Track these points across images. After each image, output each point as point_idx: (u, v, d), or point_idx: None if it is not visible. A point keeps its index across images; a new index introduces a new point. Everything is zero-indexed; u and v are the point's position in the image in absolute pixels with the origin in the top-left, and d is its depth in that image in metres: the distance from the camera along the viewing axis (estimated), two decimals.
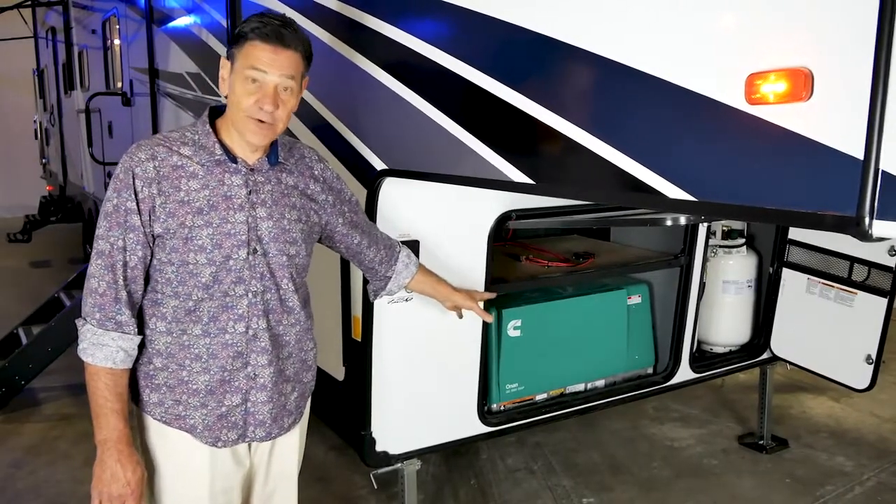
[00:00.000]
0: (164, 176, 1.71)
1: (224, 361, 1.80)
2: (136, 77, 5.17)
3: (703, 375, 3.47)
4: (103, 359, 1.71)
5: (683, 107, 1.32)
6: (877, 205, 1.07)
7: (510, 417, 2.95)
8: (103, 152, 6.08)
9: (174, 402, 1.81)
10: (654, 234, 3.46)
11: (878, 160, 1.06)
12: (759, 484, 3.65)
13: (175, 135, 1.79)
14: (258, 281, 1.80)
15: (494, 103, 1.78)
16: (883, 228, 1.07)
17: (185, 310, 1.77)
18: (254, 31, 1.69)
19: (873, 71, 1.07)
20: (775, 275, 3.56)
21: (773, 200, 1.21)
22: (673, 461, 3.89)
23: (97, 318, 1.71)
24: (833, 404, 4.58)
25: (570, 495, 3.55)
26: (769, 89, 1.19)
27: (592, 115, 1.53)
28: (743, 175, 1.26)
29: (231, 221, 1.75)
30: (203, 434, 1.82)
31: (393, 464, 2.71)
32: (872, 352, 3.15)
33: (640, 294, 3.34)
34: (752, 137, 1.23)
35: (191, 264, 1.74)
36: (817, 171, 1.15)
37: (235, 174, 1.77)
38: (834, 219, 1.13)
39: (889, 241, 3.04)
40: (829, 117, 1.14)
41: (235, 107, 1.74)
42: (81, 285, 5.43)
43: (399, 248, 2.23)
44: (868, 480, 3.67)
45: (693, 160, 1.34)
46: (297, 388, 1.96)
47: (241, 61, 1.71)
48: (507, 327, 2.96)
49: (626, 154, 1.43)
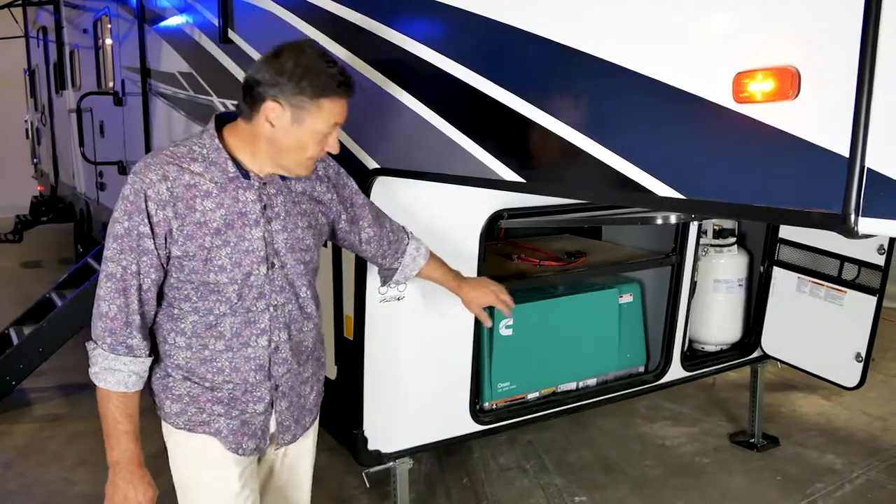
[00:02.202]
0: (178, 197, 1.66)
1: (247, 374, 1.81)
2: (127, 76, 5.16)
3: (694, 374, 3.49)
4: (116, 384, 1.70)
5: (673, 105, 1.33)
6: (862, 202, 1.08)
7: (502, 416, 2.96)
8: (95, 152, 6.06)
9: (198, 409, 1.81)
10: (646, 233, 3.47)
11: (863, 158, 1.07)
12: (750, 482, 3.66)
13: (182, 150, 1.72)
14: (278, 294, 1.80)
15: (486, 102, 1.79)
16: (869, 225, 1.08)
17: (205, 325, 1.76)
18: (339, 87, 1.65)
19: (858, 69, 1.08)
20: (766, 274, 3.58)
21: (762, 198, 1.22)
22: (664, 460, 3.90)
23: (108, 343, 1.69)
24: (824, 403, 4.60)
25: (562, 494, 3.56)
26: (756, 88, 1.20)
27: (583, 114, 1.54)
28: (731, 173, 1.27)
29: (248, 238, 1.73)
30: (227, 438, 1.83)
31: (385, 462, 2.71)
32: (862, 350, 3.17)
33: (632, 293, 3.35)
34: (740, 136, 1.24)
35: (211, 283, 1.72)
36: (804, 168, 1.16)
37: (249, 189, 1.74)
38: (821, 216, 1.14)
39: (878, 240, 3.07)
40: (815, 115, 1.15)
41: (296, 152, 1.70)
42: (73, 286, 5.37)
43: (408, 241, 2.20)
44: (858, 478, 3.69)
45: (682, 158, 1.35)
46: (315, 387, 2.00)
47: (320, 117, 1.66)
48: (499, 326, 2.96)
49: (617, 153, 1.44)
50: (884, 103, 1.06)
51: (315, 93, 1.63)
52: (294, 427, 1.94)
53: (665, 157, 1.37)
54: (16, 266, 8.86)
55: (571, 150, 1.53)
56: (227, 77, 3.41)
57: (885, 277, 3.09)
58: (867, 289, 3.15)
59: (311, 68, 1.63)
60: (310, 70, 1.62)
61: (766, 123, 1.20)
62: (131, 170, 1.70)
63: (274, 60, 1.64)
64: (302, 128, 1.66)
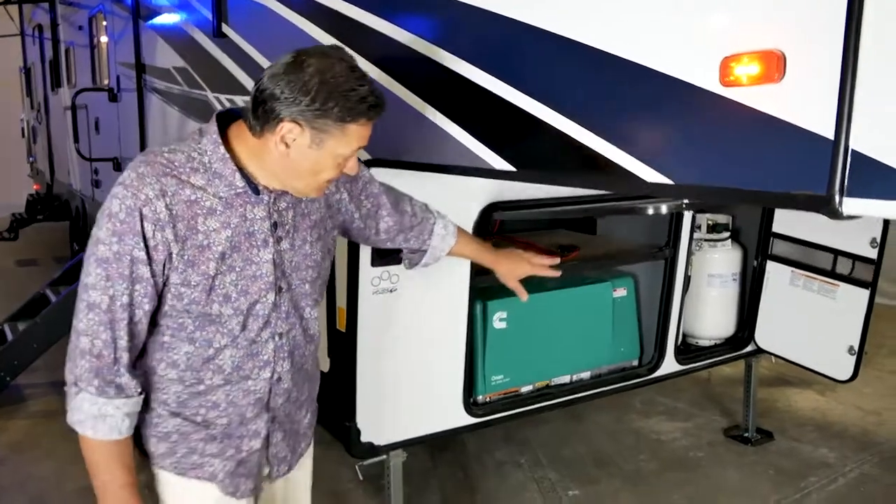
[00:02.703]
0: (179, 216, 1.43)
1: (244, 409, 1.61)
2: (122, 72, 5.16)
3: (687, 368, 3.49)
4: (108, 431, 1.45)
5: (660, 91, 1.34)
6: (847, 183, 1.09)
7: (496, 409, 2.96)
8: (90, 149, 6.06)
9: (188, 450, 1.60)
10: (640, 227, 3.48)
11: (847, 139, 1.08)
12: (744, 476, 3.67)
13: (179, 157, 1.46)
14: (284, 321, 1.60)
15: (474, 90, 1.79)
16: (853, 206, 1.09)
17: (202, 357, 1.54)
18: (370, 110, 1.43)
19: (843, 52, 1.08)
20: (760, 268, 3.59)
21: (748, 182, 1.23)
22: (659, 454, 3.91)
23: (95, 386, 1.43)
24: (818, 398, 4.61)
25: (556, 488, 3.56)
26: (743, 72, 1.20)
27: (571, 101, 1.54)
28: (718, 157, 1.28)
29: (256, 262, 1.52)
30: (224, 483, 1.63)
31: (378, 455, 2.72)
32: (855, 343, 3.18)
33: (626, 287, 3.36)
34: (726, 120, 1.25)
35: (213, 315, 1.51)
36: (789, 151, 1.17)
37: (258, 205, 1.51)
38: (806, 198, 1.14)
39: (870, 233, 3.08)
40: (800, 98, 1.15)
41: (311, 176, 1.49)
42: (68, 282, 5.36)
43: (434, 220, 2.02)
44: (851, 472, 3.70)
45: (670, 143, 1.35)
46: (309, 409, 1.83)
47: (344, 141, 1.44)
48: (493, 319, 2.97)
49: (606, 139, 1.44)
50: (867, 85, 1.07)
51: (342, 116, 1.40)
52: (290, 457, 1.78)
53: (653, 142, 1.37)
54: (11, 264, 8.85)
55: (560, 138, 1.54)
56: (222, 71, 3.41)
57: (877, 270, 3.10)
58: (860, 282, 3.16)
59: (339, 88, 1.39)
60: (338, 90, 1.38)
61: (752, 107, 1.20)
62: (118, 181, 1.44)
63: (295, 73, 1.38)
64: (322, 151, 1.44)
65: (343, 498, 3.44)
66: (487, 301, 2.94)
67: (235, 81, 3.28)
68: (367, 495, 3.44)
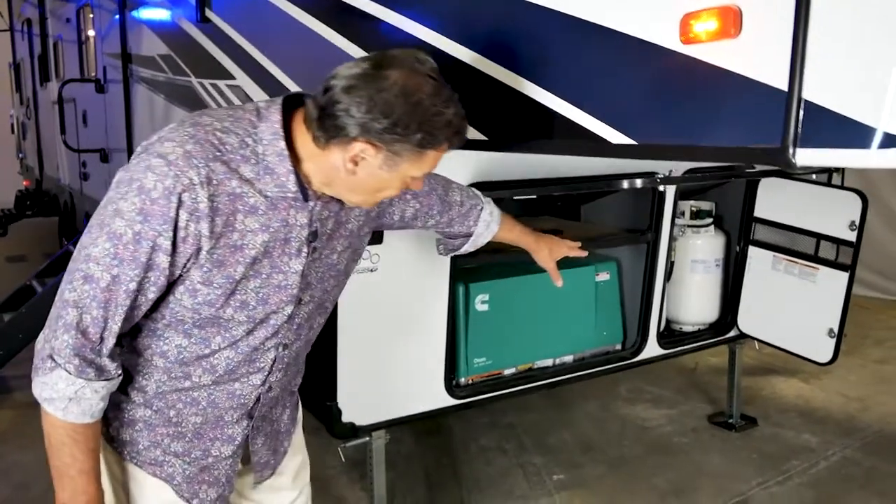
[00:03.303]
0: (219, 209, 1.26)
1: (223, 411, 1.49)
2: (109, 63, 5.16)
3: (670, 352, 3.51)
4: (79, 414, 1.31)
5: (623, 52, 1.35)
6: (800, 133, 1.11)
7: (478, 391, 2.97)
8: (78, 142, 6.06)
9: (151, 444, 1.47)
10: (623, 213, 3.50)
11: (800, 90, 1.10)
12: (727, 460, 3.70)
13: (233, 140, 1.27)
14: (293, 332, 1.48)
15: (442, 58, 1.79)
16: (806, 156, 1.11)
17: (195, 354, 1.41)
18: (454, 137, 1.29)
19: (795, 5, 1.10)
20: (742, 253, 3.61)
21: (708, 138, 1.25)
22: (643, 439, 3.93)
23: (75, 365, 1.28)
24: (802, 385, 4.64)
25: (541, 472, 3.58)
26: (702, 28, 1.22)
27: (535, 65, 1.55)
28: (679, 115, 1.29)
29: (284, 271, 1.37)
30: (180, 487, 1.50)
31: (360, 436, 2.72)
32: (834, 325, 3.20)
33: (609, 271, 3.38)
34: (687, 77, 1.27)
35: (223, 318, 1.37)
36: (746, 105, 1.19)
37: (302, 210, 1.35)
38: (762, 151, 1.16)
39: (849, 216, 3.10)
40: (756, 52, 1.17)
41: (372, 193, 1.36)
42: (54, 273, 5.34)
43: (481, 207, 1.89)
44: (833, 456, 3.73)
45: (634, 104, 1.37)
46: (288, 404, 1.69)
47: (418, 166, 1.31)
48: (475, 301, 2.98)
49: (571, 103, 1.46)
50: (819, 37, 1.09)
51: (422, 143, 1.25)
52: (272, 459, 1.67)
53: (618, 104, 1.39)
54: (0, 260, 8.82)
55: (528, 104, 1.55)
56: (206, 57, 3.42)
57: (856, 253, 3.12)
58: (839, 265, 3.18)
59: (425, 112, 1.23)
60: (424, 115, 1.23)
61: (711, 63, 1.22)
62: (156, 149, 1.24)
63: (376, 88, 1.22)
64: (392, 173, 1.30)
65: (326, 483, 3.44)
66: (470, 283, 2.96)
67: (220, 66, 3.29)
68: (352, 481, 3.45)
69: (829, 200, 3.23)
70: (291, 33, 2.58)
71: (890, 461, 3.65)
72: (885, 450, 3.78)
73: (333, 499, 3.37)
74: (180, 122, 1.30)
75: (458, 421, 4.07)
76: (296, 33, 2.56)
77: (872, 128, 1.03)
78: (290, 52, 2.64)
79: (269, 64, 2.81)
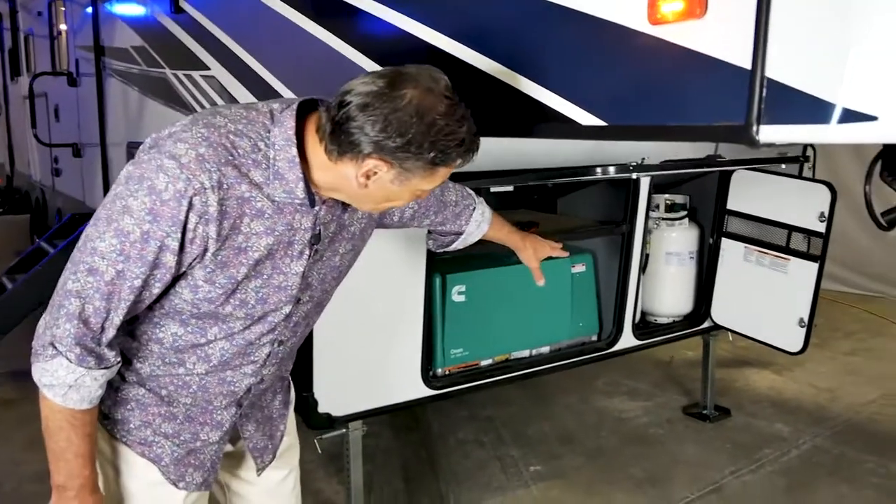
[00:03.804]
0: (227, 213, 1.27)
1: (213, 396, 1.52)
2: (81, 56, 5.10)
3: (646, 343, 3.55)
4: (78, 401, 1.34)
5: (591, 33, 1.37)
6: (763, 110, 1.13)
7: (455, 381, 2.98)
8: (50, 136, 5.98)
9: (142, 423, 1.50)
10: (598, 206, 3.53)
11: (763, 68, 1.12)
12: (701, 450, 3.75)
13: (245, 144, 1.28)
14: (290, 330, 1.52)
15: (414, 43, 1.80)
16: (769, 133, 1.13)
17: (191, 343, 1.44)
18: (465, 154, 1.30)
19: None
20: (715, 245, 3.66)
21: (674, 118, 1.27)
22: (620, 431, 3.97)
23: (76, 354, 1.30)
24: (775, 377, 4.72)
25: (518, 464, 3.60)
26: (668, 9, 1.24)
27: (506, 48, 1.56)
28: (647, 96, 1.31)
29: (285, 272, 1.40)
30: (167, 468, 1.53)
31: (337, 427, 2.72)
32: (805, 315, 3.25)
33: (585, 263, 3.41)
34: (654, 58, 1.29)
35: (221, 314, 1.40)
36: (711, 84, 1.21)
37: (307, 215, 1.37)
38: (726, 129, 1.19)
39: (819, 207, 3.15)
40: (720, 32, 1.19)
41: (382, 201, 1.37)
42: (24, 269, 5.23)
43: (474, 206, 1.93)
44: (804, 444, 3.79)
45: (603, 85, 1.39)
46: (279, 389, 1.73)
47: (429, 180, 1.32)
48: (452, 292, 2.99)
49: (542, 85, 1.47)
50: (781, 16, 1.11)
51: (434, 160, 1.27)
52: (269, 444, 1.70)
53: (587, 85, 1.41)
54: None
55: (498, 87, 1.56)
56: (180, 47, 3.39)
57: (825, 244, 3.17)
58: (810, 256, 3.24)
59: (439, 132, 1.24)
60: (438, 134, 1.24)
61: (678, 44, 1.24)
62: (167, 148, 1.24)
63: (391, 106, 1.22)
64: (403, 187, 1.32)
65: (303, 477, 3.37)
66: (447, 274, 2.97)
67: (194, 57, 3.27)
68: (329, 475, 3.45)
69: (800, 193, 3.28)
70: (266, 22, 2.58)
71: (858, 449, 3.72)
72: (854, 438, 3.85)
73: (310, 492, 3.36)
74: (193, 121, 1.31)
75: (436, 415, 4.08)
76: (270, 22, 2.56)
77: (832, 103, 1.06)
78: (266, 41, 2.63)
79: (244, 54, 2.80)
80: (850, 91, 1.03)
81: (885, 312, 6.06)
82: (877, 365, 4.96)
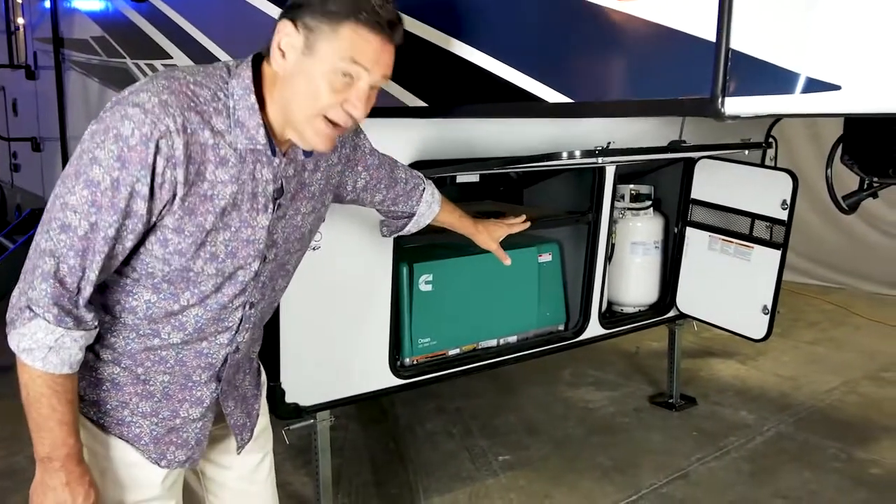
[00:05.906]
0: (192, 157, 1.29)
1: (191, 370, 1.51)
2: (39, 48, 4.98)
3: (612, 332, 3.57)
4: (59, 364, 1.32)
5: (559, 10, 1.37)
6: (728, 82, 1.14)
7: (423, 371, 2.97)
8: (8, 131, 5.84)
9: (119, 403, 1.48)
10: (564, 197, 3.56)
11: (728, 40, 1.13)
12: (667, 438, 3.79)
13: (205, 93, 1.32)
14: (259, 291, 1.51)
15: None
16: (734, 105, 1.14)
17: (164, 311, 1.43)
18: (365, 15, 1.29)
19: None
20: (680, 234, 3.70)
21: (642, 92, 1.27)
22: (587, 421, 4.00)
23: (54, 314, 1.29)
24: (739, 367, 4.79)
25: (487, 454, 3.60)
26: None
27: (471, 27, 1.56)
28: (615, 72, 1.32)
29: (252, 226, 1.41)
30: (147, 448, 1.51)
31: (304, 417, 2.69)
32: (768, 302, 3.30)
33: (551, 252, 3.42)
34: (623, 34, 1.29)
35: (192, 271, 1.39)
36: (678, 58, 1.22)
37: (268, 166, 1.40)
38: (692, 102, 1.19)
39: (781, 195, 3.21)
40: (686, 6, 1.20)
41: (305, 99, 1.34)
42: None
43: (423, 187, 1.95)
44: (768, 431, 3.86)
45: (570, 62, 1.39)
46: (248, 370, 1.71)
47: (336, 48, 1.30)
48: (419, 282, 2.98)
49: (508, 63, 1.47)
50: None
51: (336, 16, 1.28)
52: (248, 421, 1.69)
53: (554, 63, 1.41)
54: None
55: (466, 67, 1.56)
56: (142, 37, 3.33)
57: (787, 231, 3.23)
58: (773, 243, 3.29)
59: None
60: None
61: (646, 19, 1.25)
62: (131, 99, 1.25)
63: None
64: (313, 59, 1.31)
65: None
66: (414, 263, 2.95)
67: (156, 46, 3.21)
68: (296, 467, 3.41)
69: (762, 181, 3.33)
70: (229, 7, 2.54)
71: (821, 435, 3.79)
72: (817, 425, 3.93)
73: (278, 485, 3.30)
74: (153, 77, 1.33)
75: (404, 407, 4.07)
76: (233, 7, 2.52)
77: (796, 73, 1.07)
78: (228, 26, 2.59)
79: (206, 41, 2.76)
80: (814, 60, 1.05)
81: (846, 303, 6.20)
82: (838, 354, 5.07)
